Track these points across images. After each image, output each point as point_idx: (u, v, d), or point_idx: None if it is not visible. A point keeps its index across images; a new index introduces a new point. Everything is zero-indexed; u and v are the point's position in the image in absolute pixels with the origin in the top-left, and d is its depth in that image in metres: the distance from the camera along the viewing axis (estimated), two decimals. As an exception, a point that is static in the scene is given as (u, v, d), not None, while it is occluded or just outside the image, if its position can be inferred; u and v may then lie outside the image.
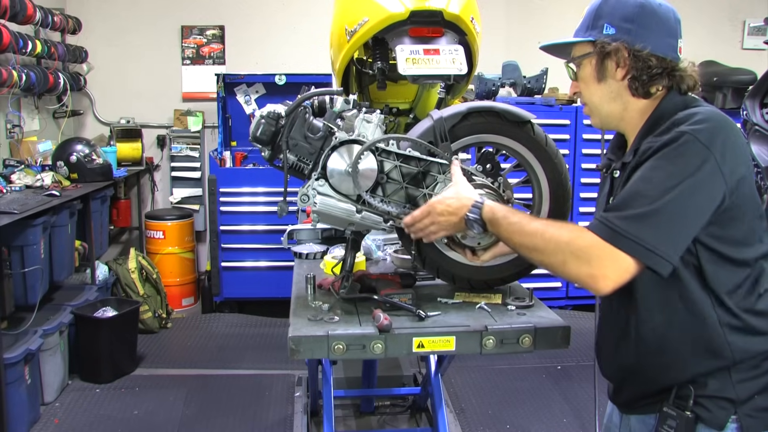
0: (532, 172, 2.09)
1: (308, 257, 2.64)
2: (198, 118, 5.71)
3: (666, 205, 1.40)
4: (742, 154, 1.47)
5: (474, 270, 2.10)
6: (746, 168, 1.46)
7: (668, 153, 1.43)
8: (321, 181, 1.97)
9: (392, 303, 1.96)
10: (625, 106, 1.61)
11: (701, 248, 1.46)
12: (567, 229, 1.52)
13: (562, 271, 1.50)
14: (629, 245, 1.42)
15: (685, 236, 1.43)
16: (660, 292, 1.51)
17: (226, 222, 5.27)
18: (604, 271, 1.43)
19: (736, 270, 1.48)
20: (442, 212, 1.77)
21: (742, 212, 1.46)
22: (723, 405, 1.48)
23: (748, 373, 1.48)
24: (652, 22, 1.56)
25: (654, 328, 1.53)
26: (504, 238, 1.66)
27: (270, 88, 5.61)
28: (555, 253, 1.50)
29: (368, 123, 1.98)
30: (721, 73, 5.51)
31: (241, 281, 5.31)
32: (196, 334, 4.98)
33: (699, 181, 1.40)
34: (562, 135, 5.11)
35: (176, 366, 4.40)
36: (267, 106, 2.01)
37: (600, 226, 1.46)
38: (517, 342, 1.86)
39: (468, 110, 2.00)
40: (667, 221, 1.41)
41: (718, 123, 1.45)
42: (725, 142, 1.42)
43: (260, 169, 5.33)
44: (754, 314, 1.49)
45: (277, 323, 5.17)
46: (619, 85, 1.59)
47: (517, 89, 5.33)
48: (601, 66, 1.59)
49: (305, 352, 1.80)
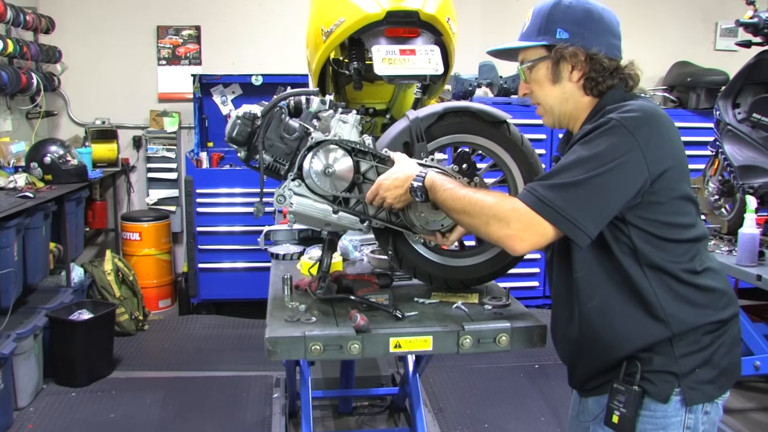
0: (508, 171, 2.10)
1: (285, 258, 2.63)
2: (174, 118, 5.66)
3: (588, 180, 1.49)
4: (670, 147, 1.56)
5: (451, 270, 2.11)
6: (673, 161, 1.55)
7: (596, 135, 1.53)
8: (297, 182, 1.96)
9: (369, 303, 1.95)
10: (576, 105, 1.69)
11: (632, 228, 1.55)
12: (493, 195, 1.63)
13: (485, 231, 1.61)
14: (549, 212, 1.52)
15: (604, 212, 1.52)
16: (599, 271, 1.59)
17: (202, 223, 5.23)
18: (521, 234, 1.54)
19: (670, 249, 1.56)
20: (389, 187, 1.86)
21: (664, 199, 1.54)
22: (667, 379, 1.56)
23: (689, 347, 1.56)
24: (600, 26, 1.65)
25: (596, 306, 1.60)
26: (440, 203, 1.75)
27: (247, 88, 5.58)
28: (479, 215, 1.61)
29: (344, 123, 1.98)
30: (695, 73, 5.59)
31: (218, 282, 5.28)
32: (173, 336, 4.94)
33: (621, 164, 1.49)
34: (538, 135, 5.14)
35: (153, 368, 4.35)
36: (243, 107, 2.01)
37: (525, 193, 1.57)
38: (493, 341, 1.87)
39: (444, 110, 2.01)
40: (587, 195, 1.50)
41: (647, 114, 1.54)
42: (651, 133, 1.52)
43: (237, 170, 5.30)
44: (694, 288, 1.57)
45: (255, 324, 5.14)
46: (573, 86, 1.67)
47: (493, 89, 5.35)
48: (556, 69, 1.67)
49: (282, 353, 1.79)
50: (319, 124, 2.01)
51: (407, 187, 1.83)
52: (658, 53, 5.92)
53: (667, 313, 1.55)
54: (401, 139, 2.00)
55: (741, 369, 1.68)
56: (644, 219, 1.54)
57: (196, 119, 5.45)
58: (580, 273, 1.61)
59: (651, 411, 1.57)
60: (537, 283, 5.43)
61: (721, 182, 3.68)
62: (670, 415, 1.57)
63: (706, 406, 1.59)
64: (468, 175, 2.02)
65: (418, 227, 1.96)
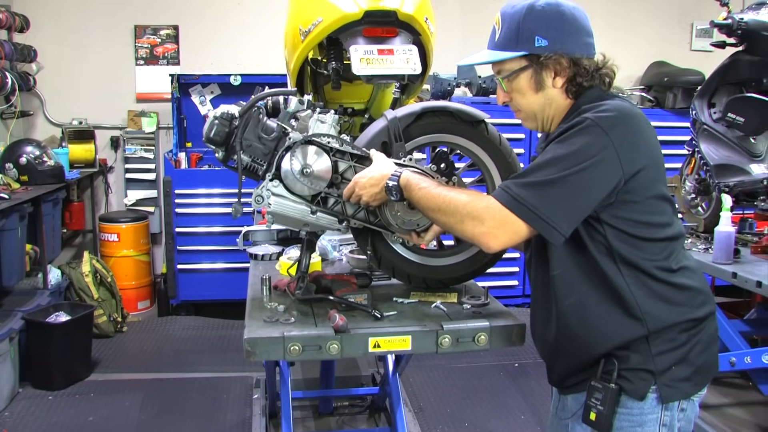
0: (486, 171, 2.11)
1: (264, 258, 2.62)
2: (152, 119, 5.62)
3: (562, 178, 1.50)
4: (645, 147, 1.56)
5: (429, 269, 2.11)
6: (648, 160, 1.55)
7: (571, 134, 1.54)
8: (275, 182, 1.96)
9: (348, 303, 1.95)
10: (557, 109, 1.70)
11: (607, 227, 1.56)
12: (467, 193, 1.65)
13: (460, 229, 1.63)
14: (522, 210, 1.53)
15: (577, 211, 1.53)
16: (575, 270, 1.60)
17: (181, 224, 5.20)
18: (495, 231, 1.56)
19: (646, 247, 1.57)
20: (365, 185, 1.86)
21: (638, 198, 1.55)
22: (643, 376, 1.58)
23: (665, 345, 1.58)
24: (575, 27, 1.65)
25: (573, 304, 1.61)
26: (415, 202, 1.76)
27: (225, 88, 5.55)
28: (454, 213, 1.63)
29: (322, 123, 1.97)
30: (671, 73, 5.65)
31: (197, 283, 5.24)
32: (152, 338, 4.90)
33: (596, 163, 1.50)
34: (516, 134, 5.16)
35: (132, 370, 4.32)
36: (220, 107, 2.00)
37: (499, 191, 1.58)
38: (472, 340, 1.87)
39: (422, 110, 2.01)
40: (561, 193, 1.51)
41: (622, 114, 1.55)
42: (626, 132, 1.53)
43: (215, 171, 5.27)
44: (670, 286, 1.59)
45: (234, 325, 5.12)
46: (556, 91, 1.68)
47: (472, 89, 5.37)
48: (538, 77, 1.67)
49: (261, 353, 1.79)
50: (297, 124, 2.00)
51: (383, 186, 1.83)
52: (635, 53, 5.97)
53: (643, 311, 1.56)
54: (379, 138, 2.00)
55: (718, 366, 1.70)
56: (619, 218, 1.55)
57: (175, 119, 5.41)
58: (557, 271, 1.62)
59: (628, 408, 1.58)
60: (516, 282, 5.46)
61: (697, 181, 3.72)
62: (647, 412, 1.58)
63: (683, 403, 1.61)
64: (446, 174, 2.03)
65: (395, 226, 1.96)
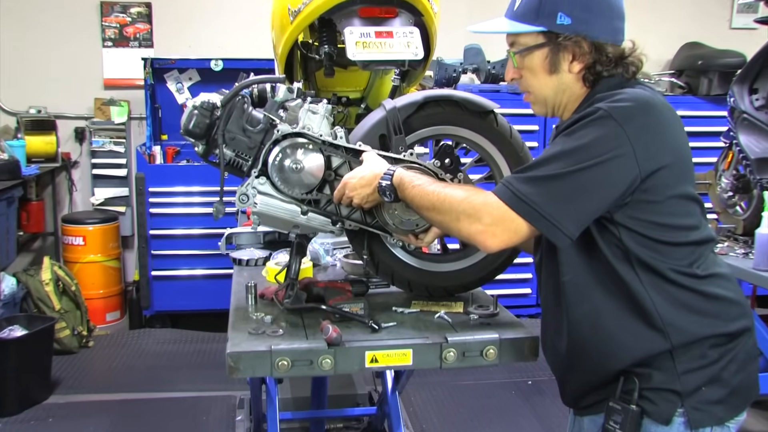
0: (496, 167, 2.13)
1: (249, 264, 2.64)
2: (123, 108, 5.64)
3: (568, 174, 1.51)
4: (668, 141, 1.55)
5: (432, 275, 2.14)
6: (671, 157, 1.54)
7: (581, 126, 1.54)
8: (262, 179, 1.98)
9: (342, 313, 1.98)
10: (572, 98, 1.70)
11: (622, 229, 1.56)
12: (464, 189, 1.68)
13: (456, 228, 1.66)
14: (522, 207, 1.54)
15: (585, 211, 1.53)
16: (588, 275, 1.60)
17: (156, 225, 5.21)
18: (493, 229, 1.57)
19: (667, 252, 1.56)
20: (355, 186, 1.89)
21: (658, 198, 1.54)
22: (669, 398, 1.56)
23: (693, 362, 1.56)
24: (605, 8, 1.63)
25: (585, 312, 1.61)
26: (410, 201, 1.78)
27: (205, 74, 5.57)
28: (449, 211, 1.65)
29: (314, 114, 1.99)
30: (707, 55, 5.56)
31: (174, 292, 5.26)
32: (122, 353, 4.91)
33: (607, 160, 1.49)
34: (530, 126, 5.19)
35: (99, 391, 4.32)
36: (200, 96, 2.02)
37: (499, 186, 1.59)
38: (480, 354, 1.89)
39: (424, 99, 2.03)
40: (567, 191, 1.51)
41: (639, 104, 1.53)
42: (644, 125, 1.51)
43: (195, 166, 5.29)
44: (697, 295, 1.57)
45: (216, 338, 5.13)
46: (572, 77, 1.67)
47: (480, 75, 5.39)
48: (554, 58, 1.65)
49: (246, 369, 1.80)
50: (285, 114, 2.03)
51: (375, 186, 1.85)
52: (664, 33, 5.89)
53: (665, 322, 1.55)
54: (377, 131, 2.03)
55: (758, 388, 1.67)
56: (635, 219, 1.55)
57: (148, 109, 5.43)
58: (568, 276, 1.62)
59: None
60: (529, 290, 5.48)
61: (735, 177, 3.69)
62: None
63: (715, 429, 1.58)
64: (451, 170, 2.05)
65: (392, 226, 1.98)
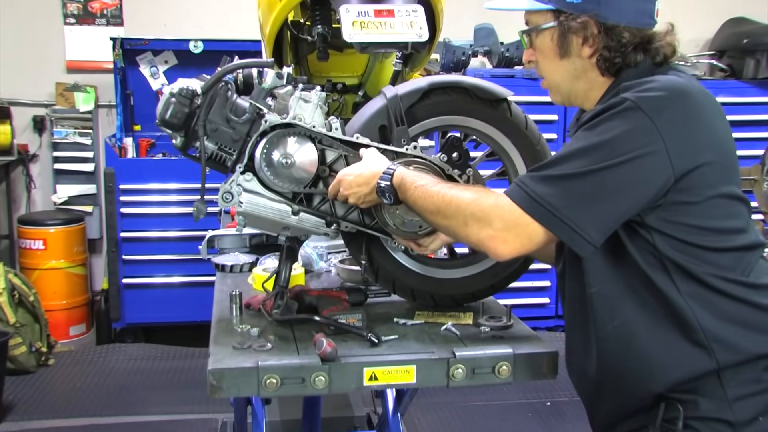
0: (509, 161, 2.14)
1: (233, 270, 2.65)
2: (89, 94, 5.64)
3: (591, 173, 1.49)
4: (707, 135, 1.52)
5: (438, 283, 2.15)
6: (711, 152, 1.51)
7: (606, 118, 1.52)
8: (248, 175, 1.99)
9: (338, 325, 1.98)
10: (591, 85, 1.69)
11: (656, 234, 1.53)
12: (473, 190, 1.67)
13: (464, 234, 1.66)
14: (538, 210, 1.53)
15: (610, 216, 1.51)
16: (619, 285, 1.58)
17: (128, 227, 5.22)
18: (505, 235, 1.56)
19: (711, 259, 1.53)
20: (351, 185, 1.90)
21: (697, 199, 1.51)
22: (719, 428, 1.52)
23: (746, 387, 1.52)
24: None
25: (616, 328, 1.59)
26: (412, 204, 1.79)
27: (183, 57, 5.58)
28: (455, 215, 1.65)
29: (306, 102, 2.00)
30: (754, 33, 5.51)
31: (147, 302, 5.27)
32: (88, 372, 4.90)
33: (635, 158, 1.47)
34: (548, 115, 5.21)
35: (59, 415, 4.28)
36: (178, 81, 2.02)
37: (513, 186, 1.58)
38: (492, 371, 1.90)
39: (429, 86, 2.05)
40: (589, 192, 1.50)
41: (672, 93, 1.51)
42: (678, 117, 1.49)
43: (171, 160, 5.31)
44: (749, 306, 1.54)
45: (195, 354, 5.13)
46: (585, 62, 1.67)
47: (492, 59, 5.40)
48: (563, 41, 1.66)
49: (230, 388, 1.81)
50: (274, 103, 2.04)
51: (373, 186, 1.86)
52: (703, 8, 5.88)
53: (710, 338, 1.50)
54: (377, 121, 2.04)
55: None
56: (671, 223, 1.52)
57: (118, 96, 5.44)
58: (595, 288, 1.60)
59: None
60: (547, 299, 5.50)
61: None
62: None
63: None
64: (459, 166, 2.06)
65: (393, 228, 2.00)
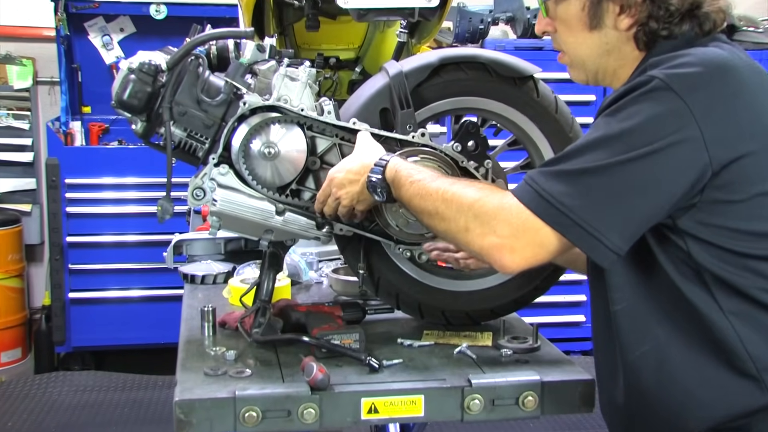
0: (536, 151, 2.16)
1: (205, 281, 2.66)
2: (26, 68, 5.65)
3: (612, 167, 1.47)
4: (754, 118, 1.50)
5: (451, 297, 2.17)
6: (757, 141, 1.49)
7: (630, 101, 1.51)
8: (223, 168, 2.00)
9: (331, 347, 1.99)
10: (624, 61, 1.69)
11: (691, 240, 1.51)
12: (477, 188, 1.66)
13: (464, 241, 1.65)
14: (550, 212, 1.51)
15: (635, 218, 1.50)
16: (648, 302, 1.58)
17: (75, 230, 5.23)
18: (512, 242, 1.55)
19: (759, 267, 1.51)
20: (342, 183, 1.89)
21: (739, 197, 1.49)
22: None
23: None
24: None
25: (646, 354, 1.58)
26: (406, 202, 1.79)
27: (143, 24, 5.60)
28: (455, 218, 1.64)
29: (293, 81, 2.01)
30: None
31: (99, 321, 5.27)
32: (23, 408, 4.85)
33: (665, 147, 1.45)
34: (582, 96, 5.22)
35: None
36: (139, 54, 2.03)
37: (521, 184, 1.57)
38: (515, 403, 1.90)
39: (440, 61, 2.06)
40: (610, 190, 1.49)
41: (710, 68, 1.49)
42: (716, 98, 1.47)
43: (129, 149, 5.32)
44: None
45: (158, 383, 5.12)
46: (620, 35, 1.66)
47: (516, 27, 5.41)
48: (595, 10, 1.65)
49: (200, 423, 1.81)
50: (254, 81, 2.05)
51: (364, 182, 1.86)
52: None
53: (759, 366, 1.50)
54: (378, 103, 2.05)
55: None
56: (708, 227, 1.50)
57: (63, 70, 5.44)
58: (620, 305, 1.60)
59: None
60: (582, 317, 5.50)
61: None
62: None
63: None
64: (475, 157, 2.07)
65: (395, 229, 2.01)
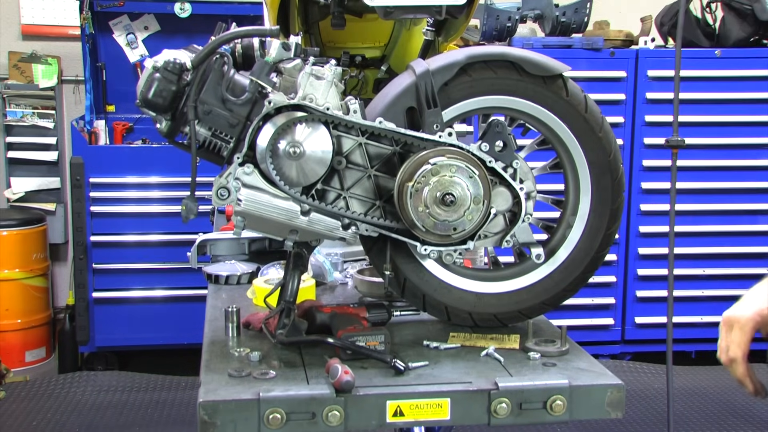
0: (565, 151, 2.16)
1: (229, 282, 2.67)
2: (51, 66, 5.68)
3: None
4: None
5: (478, 299, 2.17)
6: None
7: None
8: (248, 167, 2.01)
9: (356, 349, 2.00)
10: None
11: None
12: None
13: None
14: None
15: None
16: None
17: (99, 230, 5.25)
18: None
19: None
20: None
21: None
22: None
23: None
24: None
25: None
26: None
27: (168, 22, 5.62)
28: None
29: (318, 79, 2.02)
30: None
31: (122, 321, 5.30)
32: (47, 407, 4.90)
33: None
34: (613, 95, 5.19)
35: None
36: (163, 53, 2.04)
37: None
38: (543, 407, 1.91)
39: (467, 60, 2.06)
40: None
41: None
42: None
43: (154, 148, 5.34)
44: None
45: (182, 384, 5.15)
46: None
47: (545, 25, 5.39)
48: None
49: (225, 425, 1.83)
50: (280, 80, 2.05)
51: None
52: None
53: None
54: (404, 102, 2.05)
55: None
56: None
57: (87, 69, 5.46)
58: None
59: None
60: (611, 320, 5.46)
61: None
62: None
63: None
64: (503, 156, 2.08)
65: (421, 229, 2.01)
